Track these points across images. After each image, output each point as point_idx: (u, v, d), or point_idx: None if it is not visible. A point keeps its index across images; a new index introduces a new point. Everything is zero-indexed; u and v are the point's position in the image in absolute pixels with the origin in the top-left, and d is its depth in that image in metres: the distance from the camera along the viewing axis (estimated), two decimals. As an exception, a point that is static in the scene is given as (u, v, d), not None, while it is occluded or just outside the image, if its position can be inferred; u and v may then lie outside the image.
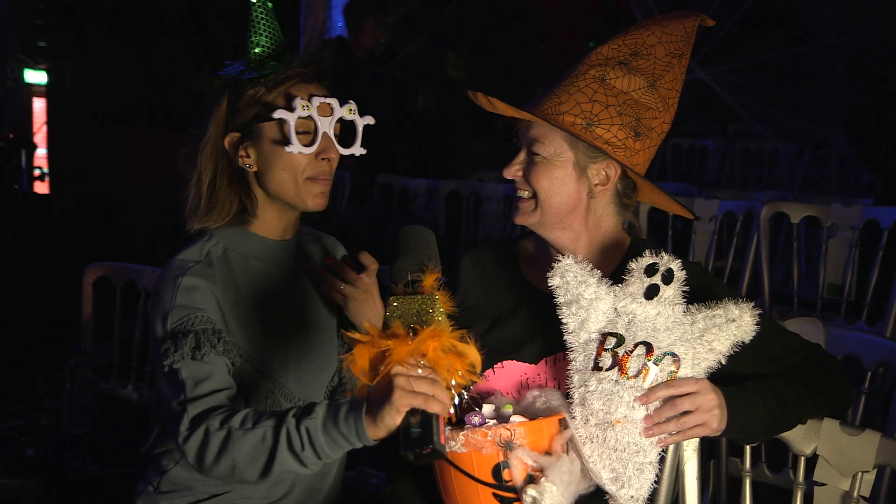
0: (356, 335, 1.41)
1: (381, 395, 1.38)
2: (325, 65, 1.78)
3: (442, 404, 1.37)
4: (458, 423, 1.52)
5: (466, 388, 1.43)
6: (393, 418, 1.36)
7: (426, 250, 1.49)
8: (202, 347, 1.62)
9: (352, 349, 1.42)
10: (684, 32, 1.70)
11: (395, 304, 1.42)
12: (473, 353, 1.41)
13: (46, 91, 6.88)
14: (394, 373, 1.37)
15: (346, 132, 1.78)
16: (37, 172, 6.60)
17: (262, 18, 1.78)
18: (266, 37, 1.78)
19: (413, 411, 1.36)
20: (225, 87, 1.77)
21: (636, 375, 1.50)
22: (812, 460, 1.71)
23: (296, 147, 1.69)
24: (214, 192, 1.77)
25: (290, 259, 1.84)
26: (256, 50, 1.76)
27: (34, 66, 7.24)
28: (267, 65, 1.74)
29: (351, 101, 1.76)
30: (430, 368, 1.39)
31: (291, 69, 1.73)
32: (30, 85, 7.25)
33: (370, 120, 1.78)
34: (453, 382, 1.40)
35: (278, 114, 1.68)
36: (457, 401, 1.43)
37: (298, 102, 1.69)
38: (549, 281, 1.57)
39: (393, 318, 1.41)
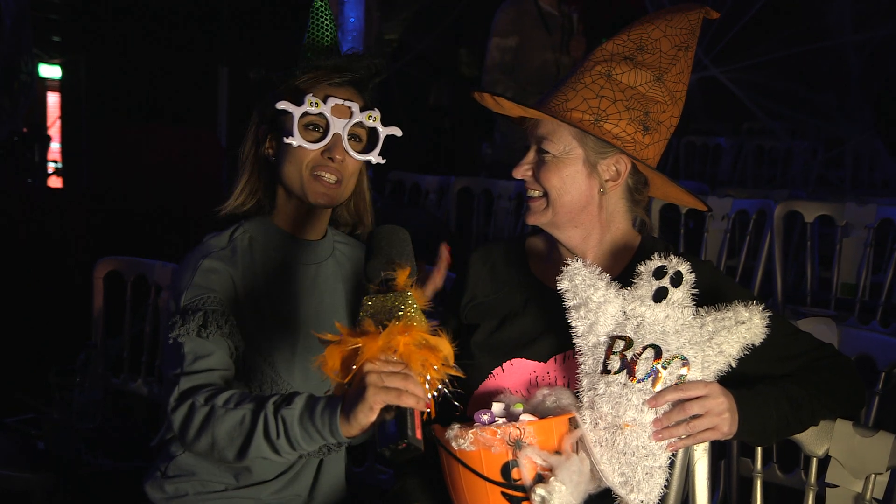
0: (327, 335, 1.40)
1: (354, 393, 1.37)
2: (361, 72, 1.82)
3: (415, 398, 1.35)
4: (467, 421, 1.51)
5: (444, 382, 1.42)
6: (367, 416, 1.35)
7: (398, 247, 1.47)
8: (209, 326, 1.66)
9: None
10: (689, 25, 1.68)
11: (368, 303, 1.41)
12: (446, 346, 1.39)
13: (60, 85, 6.92)
14: (365, 370, 1.36)
15: (371, 139, 1.83)
16: (51, 167, 6.63)
17: (322, 18, 1.87)
18: (327, 35, 1.87)
19: (388, 408, 1.35)
20: (270, 79, 1.84)
21: (645, 379, 1.49)
22: (824, 461, 1.70)
23: (296, 139, 1.75)
24: (241, 177, 1.85)
25: (314, 261, 1.87)
26: (308, 52, 1.84)
27: (48, 61, 7.27)
28: (300, 66, 1.82)
29: (374, 109, 1.80)
30: (402, 364, 1.37)
31: (314, 71, 1.79)
32: (44, 79, 7.29)
33: (396, 131, 1.82)
34: (428, 377, 1.39)
35: (282, 105, 1.74)
36: (435, 395, 1.41)
37: (308, 99, 1.74)
38: (557, 284, 1.56)
39: (365, 318, 1.39)
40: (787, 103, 6.51)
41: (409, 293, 1.40)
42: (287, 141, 1.75)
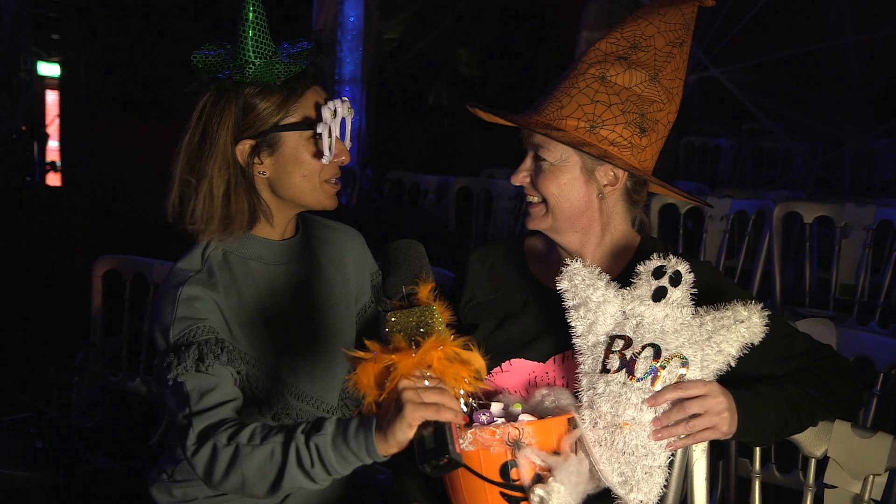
0: (358, 353, 1.38)
1: (389, 410, 1.36)
2: (324, 64, 1.76)
3: (454, 412, 1.35)
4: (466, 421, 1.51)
5: (475, 395, 1.42)
6: (405, 433, 1.34)
7: (417, 262, 1.46)
8: (206, 359, 1.60)
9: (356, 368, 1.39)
10: (683, 20, 1.66)
11: (392, 319, 1.40)
12: (478, 360, 1.39)
13: (59, 83, 6.91)
14: (401, 387, 1.35)
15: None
16: (49, 166, 6.63)
17: (259, 19, 1.71)
18: (266, 40, 1.71)
19: (425, 423, 1.34)
20: (231, 90, 1.69)
21: (644, 378, 1.49)
22: (823, 462, 1.70)
23: (328, 157, 1.69)
24: (231, 203, 1.71)
25: (294, 258, 1.82)
26: (251, 53, 1.68)
27: (47, 59, 7.27)
28: (274, 69, 1.68)
29: (346, 99, 1.73)
30: (437, 378, 1.36)
31: (311, 77, 1.70)
32: (43, 77, 7.29)
33: (353, 113, 1.76)
34: (461, 392, 1.39)
35: (321, 128, 1.66)
36: (465, 409, 1.42)
37: (326, 111, 1.67)
38: (557, 285, 1.56)
39: (393, 334, 1.39)
40: (787, 104, 6.51)
41: (433, 306, 1.40)
42: (324, 161, 1.68)
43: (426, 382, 1.36)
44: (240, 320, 1.72)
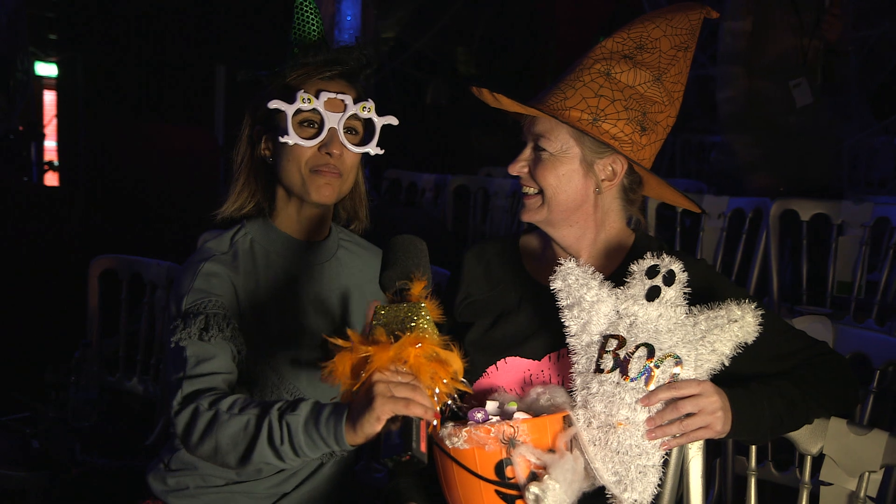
0: (338, 341, 1.40)
1: (361, 401, 1.37)
2: (351, 63, 1.80)
3: (423, 407, 1.35)
4: (461, 419, 1.51)
5: (452, 397, 1.42)
6: (372, 426, 1.36)
7: (415, 259, 1.47)
8: (210, 329, 1.66)
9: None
10: (689, 26, 1.68)
11: (381, 312, 1.41)
12: (456, 361, 1.40)
13: (57, 83, 6.90)
14: (374, 379, 1.36)
15: (368, 131, 1.81)
16: (46, 166, 6.63)
17: (307, 13, 1.83)
18: (313, 30, 1.83)
19: (394, 418, 1.35)
20: (258, 79, 1.82)
21: (638, 377, 1.49)
22: (819, 459, 1.70)
23: (291, 138, 1.73)
24: (237, 180, 1.84)
25: (317, 262, 1.86)
26: (295, 48, 1.82)
27: (45, 59, 7.26)
28: (293, 54, 1.80)
29: (368, 100, 1.78)
30: (412, 375, 1.37)
31: (306, 65, 1.77)
32: (40, 77, 7.28)
33: (392, 120, 1.81)
34: (437, 391, 1.39)
35: (274, 104, 1.73)
36: (443, 409, 1.42)
37: (300, 95, 1.72)
38: (551, 284, 1.56)
39: (377, 326, 1.39)
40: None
41: (422, 304, 1.41)
42: (283, 140, 1.73)
43: (400, 378, 1.36)
44: (253, 308, 1.77)
